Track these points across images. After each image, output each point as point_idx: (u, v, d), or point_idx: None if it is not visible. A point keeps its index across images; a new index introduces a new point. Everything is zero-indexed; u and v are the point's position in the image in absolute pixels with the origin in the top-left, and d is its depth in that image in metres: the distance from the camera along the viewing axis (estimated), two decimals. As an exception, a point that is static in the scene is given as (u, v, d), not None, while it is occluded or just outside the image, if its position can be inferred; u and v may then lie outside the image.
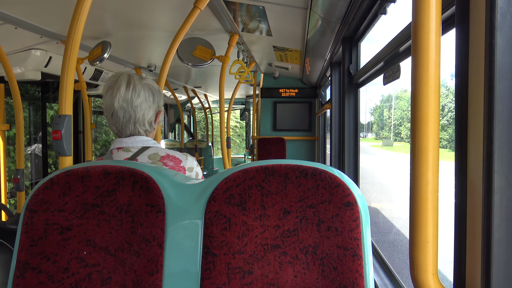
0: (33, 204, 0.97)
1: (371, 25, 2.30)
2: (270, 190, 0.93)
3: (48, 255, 0.95)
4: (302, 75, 5.65)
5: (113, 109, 1.44)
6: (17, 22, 2.62)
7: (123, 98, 1.43)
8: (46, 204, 0.96)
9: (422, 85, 0.84)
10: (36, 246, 0.95)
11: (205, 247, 0.93)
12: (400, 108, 12.78)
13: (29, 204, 0.97)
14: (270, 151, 5.97)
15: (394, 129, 22.48)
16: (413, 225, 0.87)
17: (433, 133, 0.84)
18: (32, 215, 0.96)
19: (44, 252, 0.95)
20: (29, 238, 0.95)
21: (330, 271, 0.90)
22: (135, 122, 1.46)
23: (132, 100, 1.44)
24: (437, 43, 0.83)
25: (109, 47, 2.97)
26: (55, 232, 0.95)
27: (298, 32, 3.17)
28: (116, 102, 1.43)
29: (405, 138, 11.64)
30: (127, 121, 1.45)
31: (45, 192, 0.97)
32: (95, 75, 4.34)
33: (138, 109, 1.45)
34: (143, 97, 1.46)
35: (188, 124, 10.54)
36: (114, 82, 1.45)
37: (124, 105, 1.43)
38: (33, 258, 0.94)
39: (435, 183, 0.84)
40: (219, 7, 2.60)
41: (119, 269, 0.94)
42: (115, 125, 1.47)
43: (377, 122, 27.51)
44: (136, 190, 0.96)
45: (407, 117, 11.60)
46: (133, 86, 1.44)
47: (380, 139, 26.92)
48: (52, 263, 0.94)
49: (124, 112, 1.44)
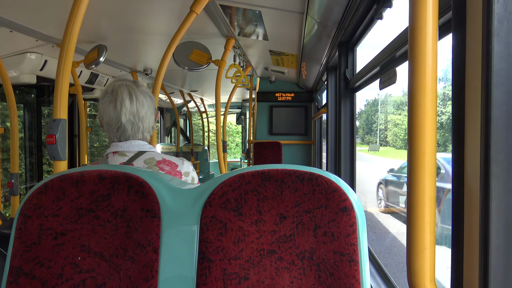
0: (27, 209, 0.96)
1: (367, 30, 2.30)
2: (266, 195, 0.92)
3: (42, 260, 0.94)
4: (298, 79, 5.66)
5: (120, 123, 1.45)
6: (12, 26, 2.61)
7: (129, 112, 1.44)
8: (40, 209, 0.95)
9: (419, 90, 0.84)
10: (29, 252, 0.94)
11: (201, 252, 0.92)
12: (385, 113, 12.77)
13: (22, 209, 0.96)
14: (266, 155, 5.97)
15: (380, 133, 22.50)
16: (410, 231, 0.86)
17: (430, 138, 0.83)
18: (26, 220, 0.95)
19: (37, 257, 0.94)
20: (23, 243, 0.94)
21: (326, 277, 0.89)
22: (143, 131, 1.49)
23: (139, 112, 1.46)
24: (434, 48, 0.83)
25: (105, 50, 2.96)
26: (49, 238, 0.94)
27: (294, 36, 3.18)
28: (123, 117, 1.44)
29: (391, 143, 11.74)
30: (136, 132, 1.48)
31: (39, 197, 0.96)
32: (90, 79, 4.32)
33: (145, 118, 1.48)
34: (146, 106, 1.49)
35: (184, 128, 10.52)
36: (115, 95, 1.45)
37: (132, 118, 1.45)
38: (27, 263, 0.93)
39: (432, 189, 0.84)
40: (215, 11, 2.60)
41: (114, 275, 0.93)
42: (119, 137, 1.48)
43: (363, 126, 27.59)
44: (131, 195, 0.95)
45: (392, 122, 11.70)
46: (136, 98, 1.46)
47: (365, 143, 27.02)
48: (46, 268, 0.93)
49: (132, 125, 1.46)
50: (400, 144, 11.09)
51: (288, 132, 6.35)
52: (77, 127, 5.24)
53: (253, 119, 6.21)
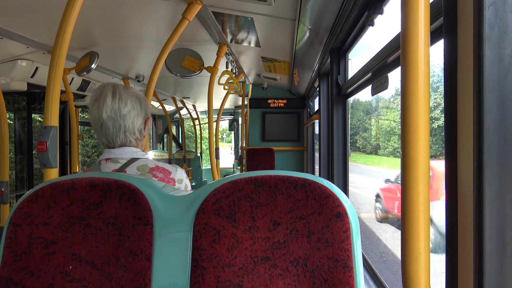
0: (17, 218, 0.94)
1: (359, 36, 2.32)
2: (259, 201, 0.92)
3: (32, 270, 0.92)
4: (291, 85, 5.68)
5: (102, 120, 1.43)
6: (3, 32, 2.59)
7: (110, 108, 1.42)
8: (31, 218, 0.94)
9: (412, 96, 0.84)
10: (19, 261, 0.92)
11: (194, 260, 0.91)
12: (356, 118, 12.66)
13: (12, 218, 0.94)
14: (259, 161, 5.96)
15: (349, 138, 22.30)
16: (404, 236, 0.86)
17: (423, 144, 0.83)
18: (16, 229, 0.93)
19: (28, 267, 0.92)
20: (13, 252, 0.93)
21: (321, 283, 0.88)
22: (125, 131, 1.46)
23: (120, 109, 1.43)
24: (426, 54, 0.83)
25: (97, 57, 2.95)
26: (39, 246, 0.93)
27: (286, 43, 3.19)
28: (104, 113, 1.43)
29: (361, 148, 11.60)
30: (117, 131, 1.45)
31: (29, 205, 0.95)
32: (82, 86, 4.30)
33: (127, 117, 1.45)
34: (130, 105, 1.45)
35: (176, 134, 10.49)
36: (99, 94, 1.44)
37: (113, 115, 1.42)
38: (17, 273, 0.92)
39: (426, 194, 0.84)
40: (207, 18, 2.61)
41: (105, 284, 0.91)
42: (105, 136, 1.46)
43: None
44: (124, 202, 0.94)
45: (362, 127, 11.61)
46: (119, 96, 1.43)
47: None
48: (36, 278, 0.92)
49: (113, 122, 1.43)
50: (370, 149, 11.13)
51: (281, 139, 6.36)
52: (69, 134, 5.20)
53: (246, 125, 6.21)
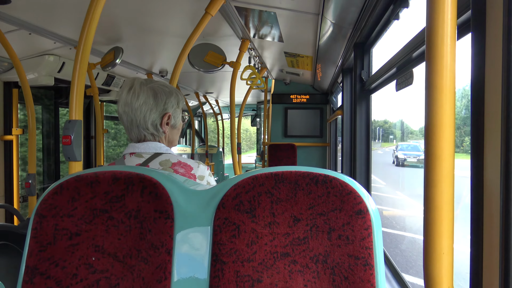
0: (43, 209, 0.96)
1: (384, 30, 2.28)
2: (280, 197, 0.91)
3: (57, 260, 0.94)
4: (313, 81, 5.64)
5: (119, 114, 1.48)
6: (31, 28, 2.66)
7: (124, 102, 1.45)
8: (56, 210, 0.96)
9: (437, 91, 0.82)
10: (45, 252, 0.95)
11: (214, 254, 0.91)
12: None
13: (38, 209, 0.97)
14: (281, 157, 5.95)
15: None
16: (427, 235, 0.84)
17: (448, 141, 0.81)
18: (42, 220, 0.96)
19: (52, 257, 0.94)
20: (38, 243, 0.95)
21: (341, 281, 0.88)
22: (138, 125, 1.46)
23: (132, 103, 1.45)
24: (452, 48, 0.80)
25: (121, 52, 2.99)
26: (64, 238, 0.95)
27: (309, 38, 3.16)
28: (120, 107, 1.47)
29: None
30: (130, 125, 1.47)
31: (54, 197, 0.97)
32: (107, 81, 4.37)
33: (138, 112, 1.45)
34: (142, 99, 1.45)
35: (199, 129, 10.57)
36: (122, 88, 1.47)
37: (126, 109, 1.45)
38: (42, 263, 0.94)
39: (450, 192, 0.82)
40: (230, 13, 2.60)
41: (127, 276, 0.93)
42: (125, 129, 1.51)
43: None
44: (145, 196, 0.95)
45: None
46: (133, 90, 1.45)
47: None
48: (61, 268, 0.94)
49: (127, 116, 1.46)
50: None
51: (303, 134, 6.32)
52: (94, 128, 5.30)
53: (268, 121, 6.21)
